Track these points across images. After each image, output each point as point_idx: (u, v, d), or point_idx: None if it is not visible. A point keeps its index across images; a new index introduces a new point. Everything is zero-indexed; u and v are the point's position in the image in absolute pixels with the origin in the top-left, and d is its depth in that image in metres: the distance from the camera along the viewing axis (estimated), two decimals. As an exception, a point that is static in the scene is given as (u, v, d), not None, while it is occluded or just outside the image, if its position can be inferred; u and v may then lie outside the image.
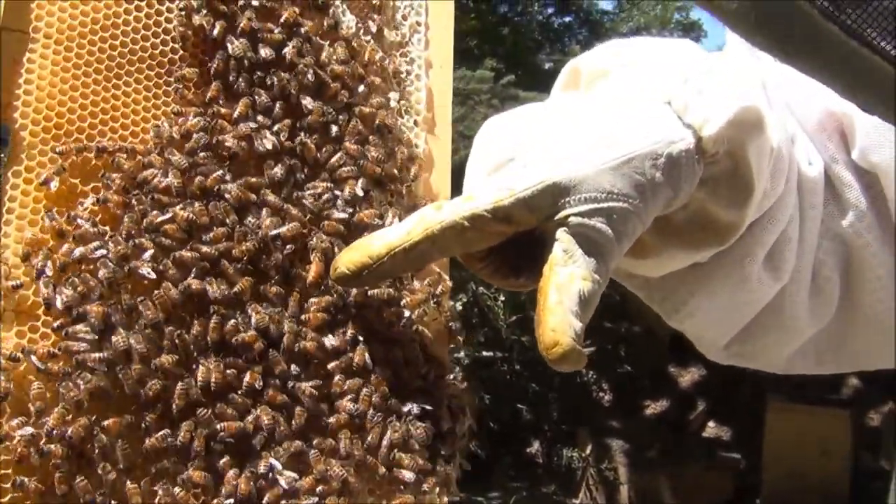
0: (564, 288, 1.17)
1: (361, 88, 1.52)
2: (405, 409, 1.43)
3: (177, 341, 1.34)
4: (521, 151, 1.24)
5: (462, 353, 6.75)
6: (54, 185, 1.34)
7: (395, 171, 1.51)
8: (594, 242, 1.19)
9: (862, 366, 1.59)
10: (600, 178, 1.20)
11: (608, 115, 1.27)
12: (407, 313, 1.47)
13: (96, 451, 1.28)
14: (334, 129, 1.48)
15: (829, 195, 1.46)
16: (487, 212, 1.19)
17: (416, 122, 1.57)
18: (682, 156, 1.24)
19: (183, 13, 1.44)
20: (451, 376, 1.52)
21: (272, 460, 1.35)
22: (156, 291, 1.35)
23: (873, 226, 1.45)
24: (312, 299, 1.42)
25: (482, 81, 7.62)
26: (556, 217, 1.19)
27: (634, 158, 1.22)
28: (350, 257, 1.31)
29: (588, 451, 7.95)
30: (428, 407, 1.44)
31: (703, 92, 1.26)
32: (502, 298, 6.70)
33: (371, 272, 1.29)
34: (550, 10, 8.42)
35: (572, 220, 1.19)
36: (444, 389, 1.48)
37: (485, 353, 7.14)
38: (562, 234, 1.18)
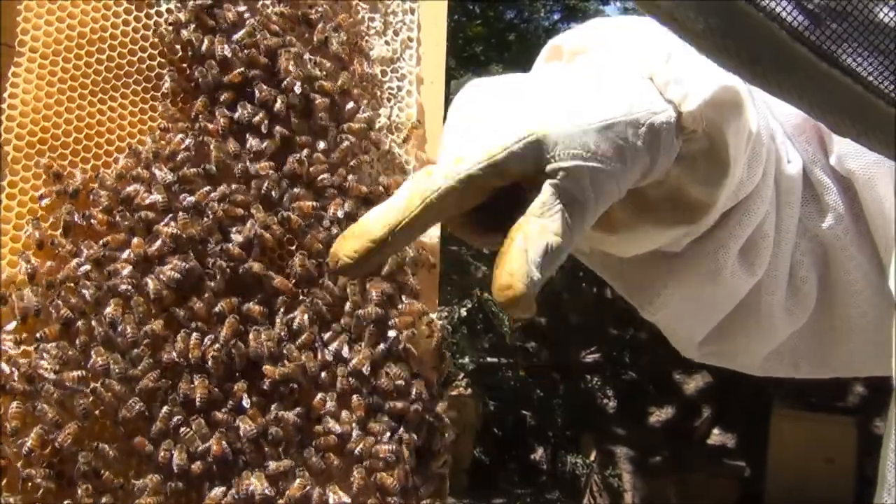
0: (533, 238, 1.16)
1: (350, 105, 1.51)
2: (381, 429, 1.42)
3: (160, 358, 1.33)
4: (506, 108, 1.24)
5: (467, 360, 6.74)
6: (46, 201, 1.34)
7: (382, 189, 1.49)
8: (574, 200, 1.19)
9: (839, 372, 1.59)
10: (585, 137, 1.20)
11: (591, 82, 1.27)
12: (393, 333, 1.46)
13: (76, 471, 1.26)
14: (322, 144, 1.47)
15: (809, 195, 1.46)
16: (481, 170, 1.19)
17: (406, 139, 1.56)
18: (663, 127, 1.25)
19: (171, 27, 1.43)
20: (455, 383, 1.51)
21: (253, 480, 1.34)
22: (134, 301, 1.34)
23: (850, 230, 1.46)
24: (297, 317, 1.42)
25: (487, 87, 7.61)
26: (545, 170, 1.19)
27: (617, 124, 1.23)
28: (351, 246, 1.26)
29: (592, 458, 7.94)
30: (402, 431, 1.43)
31: (685, 70, 1.27)
32: (507, 304, 6.69)
33: (376, 256, 1.26)
34: (556, 17, 8.42)
35: (560, 174, 1.19)
36: (427, 407, 1.46)
37: (489, 360, 7.13)
38: (546, 188, 1.18)
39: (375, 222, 1.24)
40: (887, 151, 0.83)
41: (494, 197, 1.22)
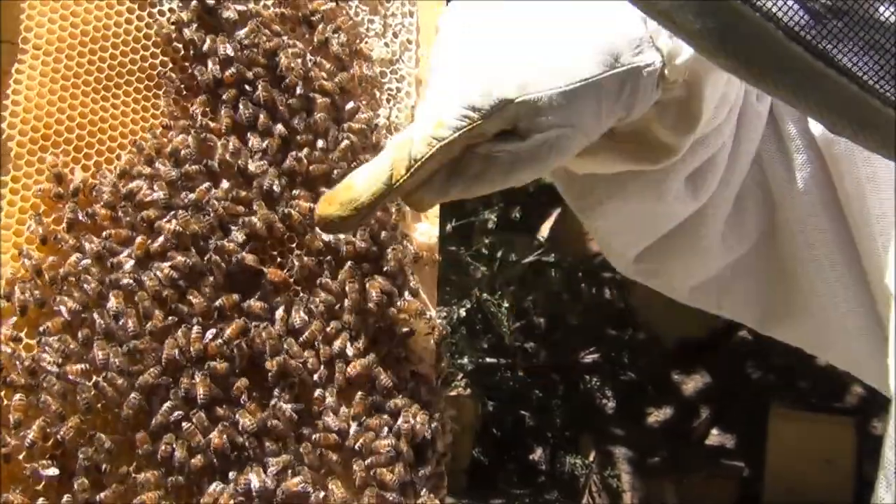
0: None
1: (350, 105, 1.52)
2: (380, 425, 1.42)
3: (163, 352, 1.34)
4: (489, 61, 1.26)
5: (466, 360, 6.74)
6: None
7: None
8: (540, 154, 1.25)
9: (766, 325, 1.60)
10: (564, 100, 1.23)
11: (577, 22, 1.28)
12: (393, 331, 1.47)
13: (78, 465, 1.27)
14: (321, 143, 1.48)
15: (771, 133, 1.48)
16: (461, 136, 1.22)
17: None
18: (647, 81, 1.27)
19: (173, 26, 1.44)
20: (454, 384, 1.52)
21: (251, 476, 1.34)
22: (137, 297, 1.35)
23: (812, 190, 1.47)
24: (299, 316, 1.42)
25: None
26: (521, 132, 1.24)
27: (600, 82, 1.24)
28: (336, 211, 1.28)
29: (591, 458, 7.93)
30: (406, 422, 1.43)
31: None
32: (506, 305, 6.69)
33: (359, 220, 1.30)
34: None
35: (534, 136, 1.23)
36: (426, 404, 1.47)
37: (488, 360, 7.12)
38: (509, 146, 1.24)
39: (362, 190, 1.27)
40: (883, 151, 0.83)
41: None
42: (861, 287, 1.47)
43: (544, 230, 7.12)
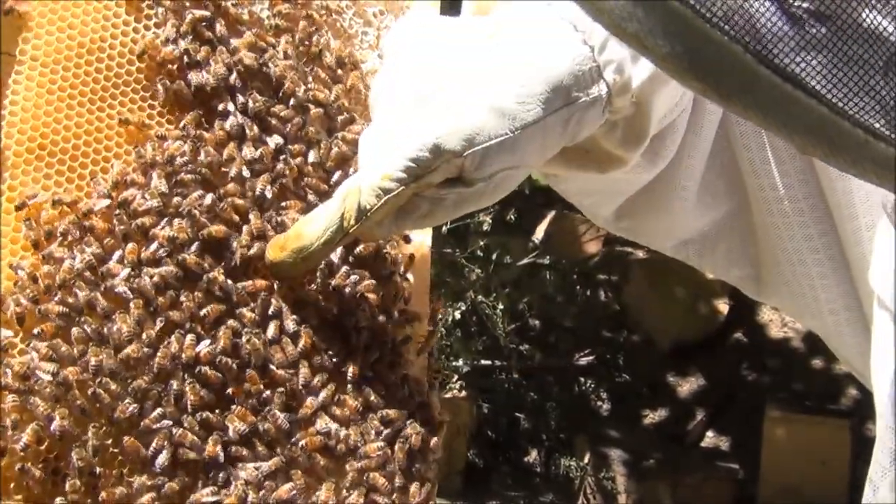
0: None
1: (344, 115, 1.54)
2: (372, 429, 1.42)
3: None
4: (432, 114, 1.28)
5: (460, 362, 6.74)
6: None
7: None
8: (484, 190, 1.29)
9: (749, 283, 1.61)
10: (507, 147, 1.25)
11: (522, 60, 1.28)
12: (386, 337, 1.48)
13: (71, 468, 1.28)
14: (313, 154, 1.50)
15: None
16: (411, 189, 1.26)
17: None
18: (591, 115, 1.28)
19: (169, 39, 1.46)
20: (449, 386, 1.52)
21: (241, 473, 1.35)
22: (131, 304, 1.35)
23: (782, 152, 1.47)
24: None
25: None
26: (465, 179, 1.27)
27: (546, 123, 1.26)
28: (284, 256, 1.34)
29: (586, 460, 7.94)
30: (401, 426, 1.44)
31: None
32: (501, 307, 6.70)
33: (308, 265, 1.35)
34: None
35: (478, 183, 1.27)
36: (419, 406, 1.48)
37: (483, 362, 7.13)
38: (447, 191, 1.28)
39: (312, 238, 1.31)
40: (853, 171, 0.84)
41: None
42: (837, 262, 1.48)
43: (539, 232, 7.12)
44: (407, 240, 1.54)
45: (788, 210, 1.48)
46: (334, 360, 1.43)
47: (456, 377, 6.52)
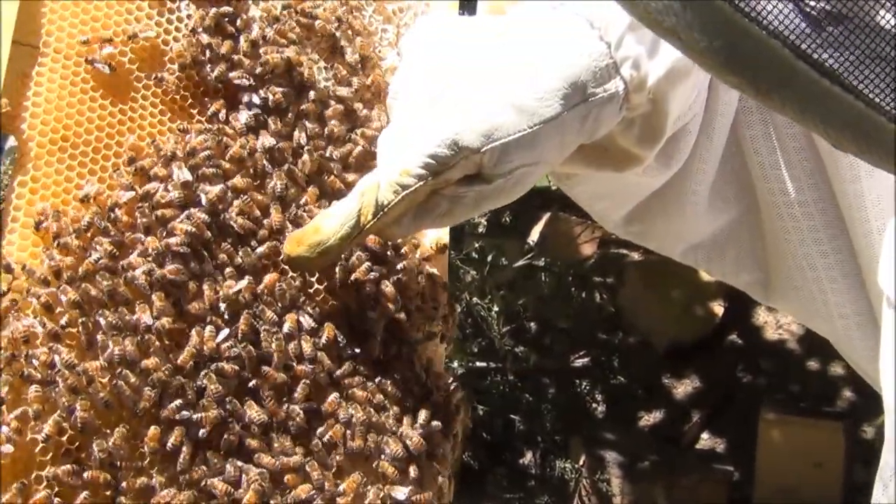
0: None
1: (364, 112, 1.55)
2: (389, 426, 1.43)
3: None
4: (451, 112, 1.28)
5: (456, 364, 6.74)
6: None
7: None
8: (503, 188, 1.29)
9: (756, 288, 1.61)
10: (526, 142, 1.26)
11: (540, 57, 1.29)
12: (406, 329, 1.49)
13: (93, 460, 1.28)
14: (333, 148, 1.51)
15: (754, 106, 1.47)
16: (427, 185, 1.27)
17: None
18: (608, 111, 1.29)
19: (191, 32, 1.47)
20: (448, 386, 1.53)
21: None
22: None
23: (792, 156, 1.47)
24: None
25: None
26: (486, 175, 1.27)
27: (563, 117, 1.26)
28: (304, 251, 1.35)
29: (581, 463, 7.94)
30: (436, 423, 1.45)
31: (643, 41, 1.28)
32: (496, 309, 6.70)
33: (327, 260, 1.35)
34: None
35: (497, 180, 1.27)
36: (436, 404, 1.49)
37: (478, 364, 7.13)
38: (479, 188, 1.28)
39: (330, 233, 1.32)
40: (887, 166, 0.84)
41: None
42: (847, 266, 1.48)
43: (534, 234, 7.12)
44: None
45: (798, 214, 1.48)
46: (355, 353, 1.44)
47: (451, 378, 6.51)
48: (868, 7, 0.78)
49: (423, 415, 1.43)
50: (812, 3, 0.78)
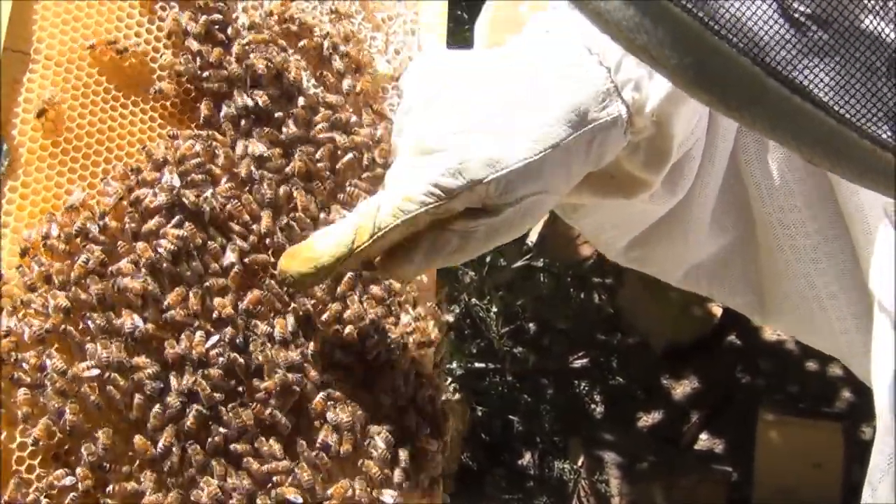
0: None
1: (353, 118, 1.55)
2: (380, 432, 1.43)
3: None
4: (453, 142, 1.27)
5: (454, 365, 6.74)
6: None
7: None
8: (513, 221, 1.28)
9: (753, 310, 1.61)
10: (531, 171, 1.25)
11: (542, 82, 1.29)
12: (393, 335, 1.49)
13: (82, 463, 1.28)
14: (320, 156, 1.51)
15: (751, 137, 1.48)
16: (428, 212, 1.25)
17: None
18: (613, 135, 1.29)
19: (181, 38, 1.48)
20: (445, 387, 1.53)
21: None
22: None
23: (787, 175, 1.47)
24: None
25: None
26: (490, 207, 1.26)
27: (569, 144, 1.26)
28: (297, 267, 1.33)
29: (580, 463, 7.94)
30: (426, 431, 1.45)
31: (642, 63, 1.27)
32: (495, 310, 6.71)
33: (319, 279, 1.34)
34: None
35: (506, 210, 1.26)
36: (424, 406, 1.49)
37: (477, 365, 7.14)
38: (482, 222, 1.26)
39: (324, 251, 1.31)
40: (861, 182, 0.84)
41: None
42: (848, 282, 1.48)
43: (533, 235, 7.12)
44: None
45: (795, 233, 1.48)
46: (342, 361, 1.45)
47: (449, 380, 6.53)
48: (834, 14, 0.78)
49: (402, 454, 1.43)
50: (776, 16, 0.78)
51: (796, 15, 0.78)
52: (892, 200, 1.22)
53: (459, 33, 8.14)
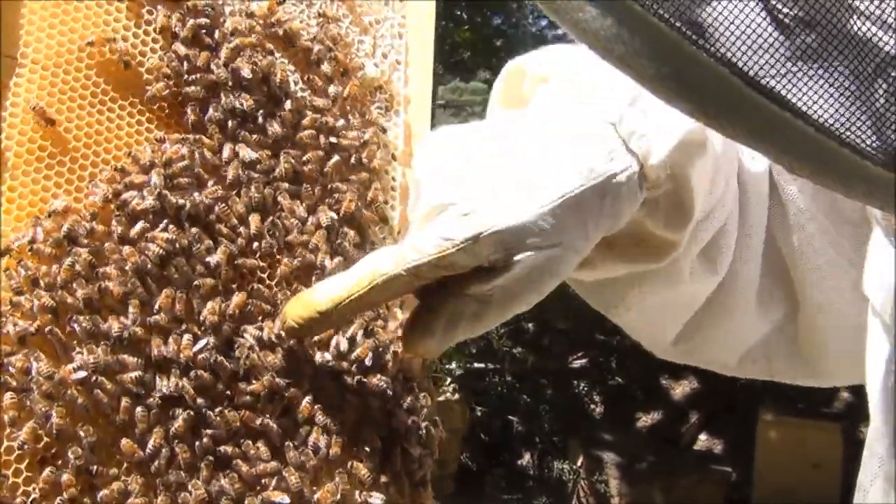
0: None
1: (340, 122, 1.55)
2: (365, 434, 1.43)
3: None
4: (460, 196, 1.26)
5: (454, 365, 6.75)
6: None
7: (367, 212, 1.54)
8: (530, 285, 1.25)
9: (813, 378, 1.59)
10: (544, 222, 1.23)
11: (550, 144, 1.29)
12: (381, 339, 1.48)
13: (70, 467, 1.28)
14: (307, 159, 1.51)
15: (776, 200, 1.47)
16: (431, 264, 1.23)
17: (393, 157, 1.61)
18: (626, 189, 1.27)
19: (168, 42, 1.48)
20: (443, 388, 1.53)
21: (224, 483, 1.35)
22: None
23: (817, 219, 1.45)
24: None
25: (475, 93, 7.66)
26: (499, 264, 1.23)
27: (580, 198, 1.24)
28: (297, 312, 1.33)
29: (579, 464, 7.96)
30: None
31: (649, 114, 1.28)
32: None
33: (320, 324, 1.33)
34: (544, 23, 8.44)
35: (515, 267, 1.23)
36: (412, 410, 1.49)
37: (476, 365, 7.15)
38: (496, 281, 1.24)
39: (322, 294, 1.30)
40: (841, 190, 0.84)
41: None
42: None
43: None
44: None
45: (833, 301, 1.47)
46: (329, 365, 1.44)
47: (449, 380, 6.52)
48: (821, 16, 0.78)
49: (390, 457, 1.43)
50: (760, 21, 0.78)
51: (775, 22, 0.78)
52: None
53: (459, 33, 8.13)
